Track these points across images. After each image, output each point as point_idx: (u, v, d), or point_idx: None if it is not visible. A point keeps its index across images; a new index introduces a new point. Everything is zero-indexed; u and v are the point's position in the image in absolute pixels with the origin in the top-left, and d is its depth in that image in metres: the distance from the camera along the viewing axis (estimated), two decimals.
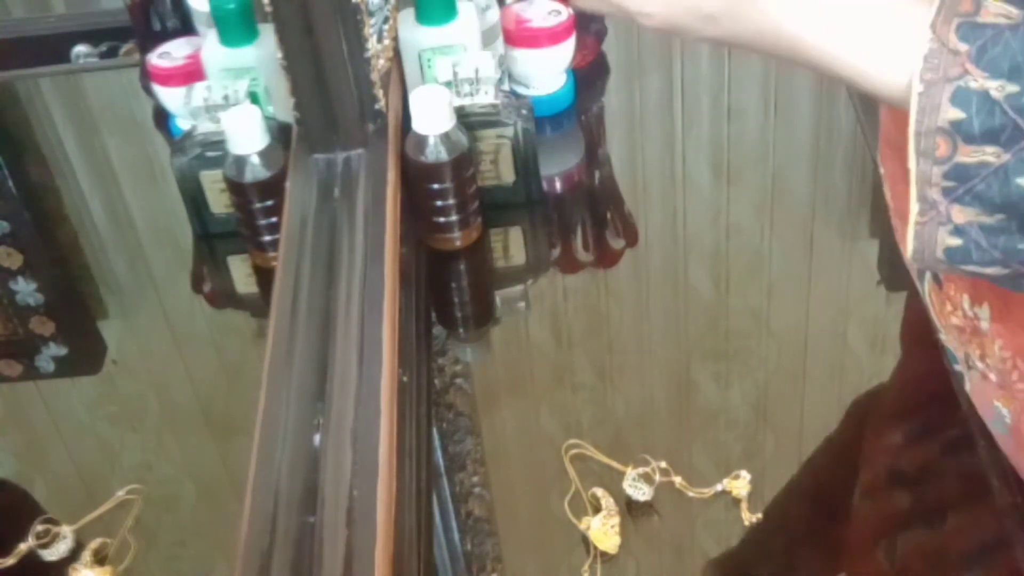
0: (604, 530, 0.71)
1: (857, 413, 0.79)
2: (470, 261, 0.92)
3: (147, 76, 0.98)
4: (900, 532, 0.71)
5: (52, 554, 0.72)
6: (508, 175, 0.94)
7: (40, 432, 0.83)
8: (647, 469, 0.74)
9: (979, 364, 0.69)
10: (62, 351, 0.91)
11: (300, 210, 0.79)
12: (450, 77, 0.91)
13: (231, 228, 0.89)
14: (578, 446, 0.77)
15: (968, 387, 0.72)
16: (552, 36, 0.99)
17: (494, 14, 0.97)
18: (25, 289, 0.93)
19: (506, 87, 1.00)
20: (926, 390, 0.79)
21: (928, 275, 0.71)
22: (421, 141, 0.86)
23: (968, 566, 0.69)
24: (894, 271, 0.89)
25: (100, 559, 0.72)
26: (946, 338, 0.72)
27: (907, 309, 0.85)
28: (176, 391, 0.85)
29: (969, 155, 0.50)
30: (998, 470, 0.71)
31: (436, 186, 0.87)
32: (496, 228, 0.94)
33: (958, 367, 0.72)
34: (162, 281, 0.95)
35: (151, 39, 0.99)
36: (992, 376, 0.68)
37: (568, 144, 1.04)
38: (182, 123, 0.95)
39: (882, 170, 0.77)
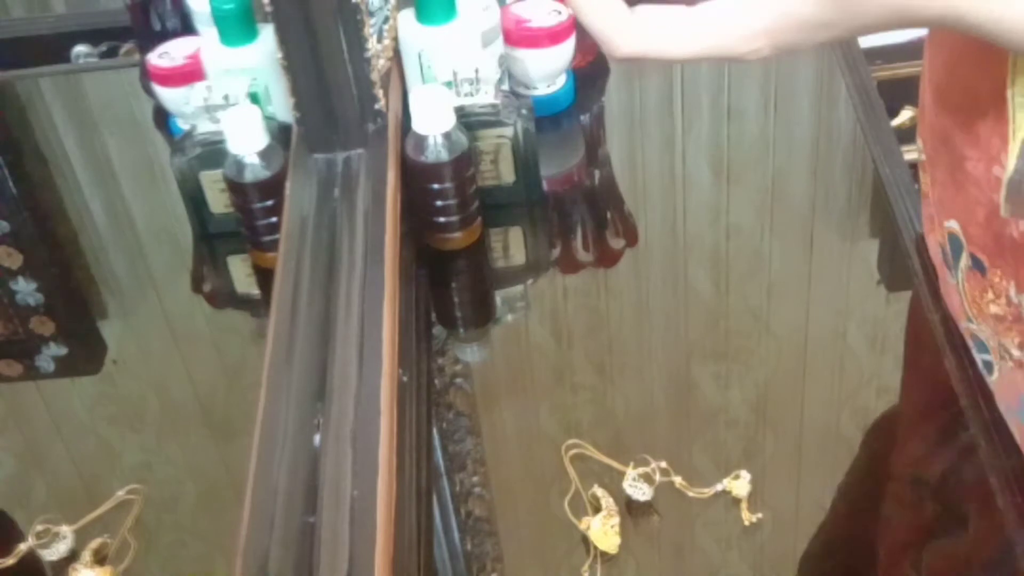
0: (604, 530, 0.71)
1: (866, 418, 0.79)
2: (470, 261, 0.92)
3: (147, 76, 0.98)
4: (926, 541, 0.71)
5: (52, 554, 0.72)
6: (508, 175, 0.94)
7: (40, 432, 0.83)
8: (647, 469, 0.74)
9: (1015, 352, 0.69)
10: (62, 351, 0.91)
11: (300, 210, 0.79)
12: (450, 77, 0.91)
13: (231, 228, 0.89)
14: (578, 446, 0.77)
15: (994, 378, 0.72)
16: (552, 36, 0.99)
17: (494, 14, 0.97)
18: (25, 289, 0.93)
19: (506, 87, 1.00)
20: (935, 393, 0.79)
21: (964, 262, 0.71)
22: (421, 141, 0.86)
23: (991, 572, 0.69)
24: (894, 271, 0.89)
25: (100, 559, 0.72)
26: (977, 327, 0.72)
27: (910, 312, 0.85)
28: (176, 391, 0.85)
29: None
30: (1008, 471, 0.71)
31: (436, 186, 0.87)
32: (496, 228, 0.94)
33: (987, 356, 0.72)
34: (162, 281, 0.95)
35: (151, 39, 0.99)
36: None
37: (568, 144, 1.04)
38: (182, 123, 0.95)
39: (921, 157, 0.76)
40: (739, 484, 0.74)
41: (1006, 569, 0.68)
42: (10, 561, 0.72)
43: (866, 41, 1.14)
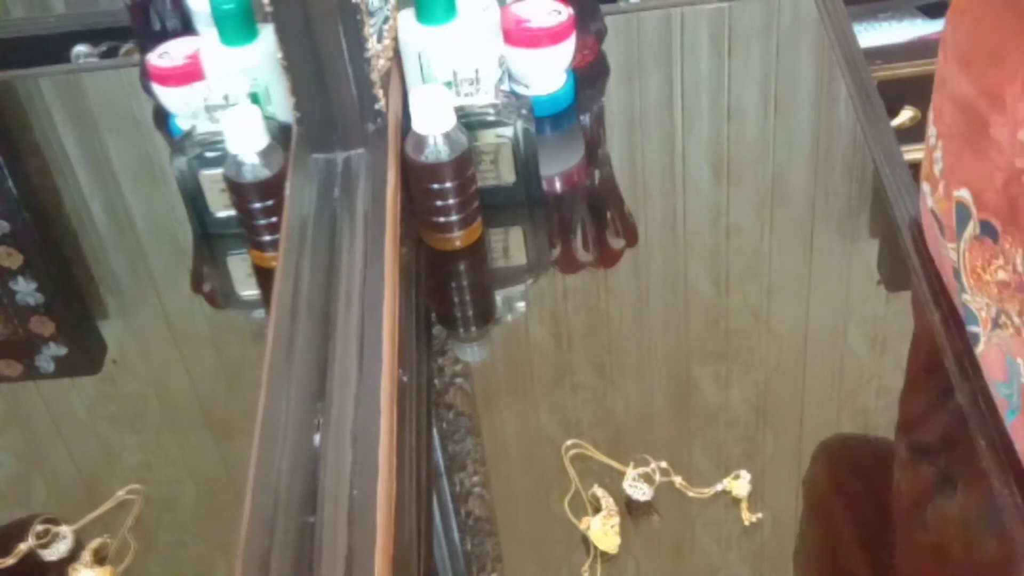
0: (604, 530, 0.71)
1: (866, 418, 0.79)
2: (470, 261, 0.92)
3: (147, 76, 0.98)
4: (932, 501, 0.72)
5: (52, 554, 0.72)
6: (508, 175, 0.94)
7: (40, 432, 0.83)
8: (647, 469, 0.74)
9: (1016, 319, 0.69)
10: (62, 351, 0.91)
11: (300, 210, 0.79)
12: (450, 77, 0.91)
13: (231, 228, 0.89)
14: (578, 446, 0.77)
15: (979, 349, 0.73)
16: (552, 36, 0.99)
17: (494, 14, 0.97)
18: (25, 289, 0.93)
19: (506, 87, 1.00)
20: (934, 376, 0.80)
21: (971, 228, 0.72)
22: (421, 141, 0.86)
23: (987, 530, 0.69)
24: (894, 271, 0.89)
25: (100, 559, 0.72)
26: (970, 297, 0.73)
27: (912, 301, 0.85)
28: (176, 391, 0.85)
29: None
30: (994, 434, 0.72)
31: (436, 186, 0.87)
32: (496, 228, 0.94)
33: (975, 328, 0.73)
34: (162, 281, 0.95)
35: (151, 39, 0.99)
36: None
37: (568, 144, 1.04)
38: (182, 123, 0.95)
39: (933, 129, 0.76)
40: (739, 484, 0.74)
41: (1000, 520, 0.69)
42: (10, 561, 0.72)
43: (866, 41, 1.14)
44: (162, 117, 1.03)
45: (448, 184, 0.87)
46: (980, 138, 0.69)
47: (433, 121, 0.85)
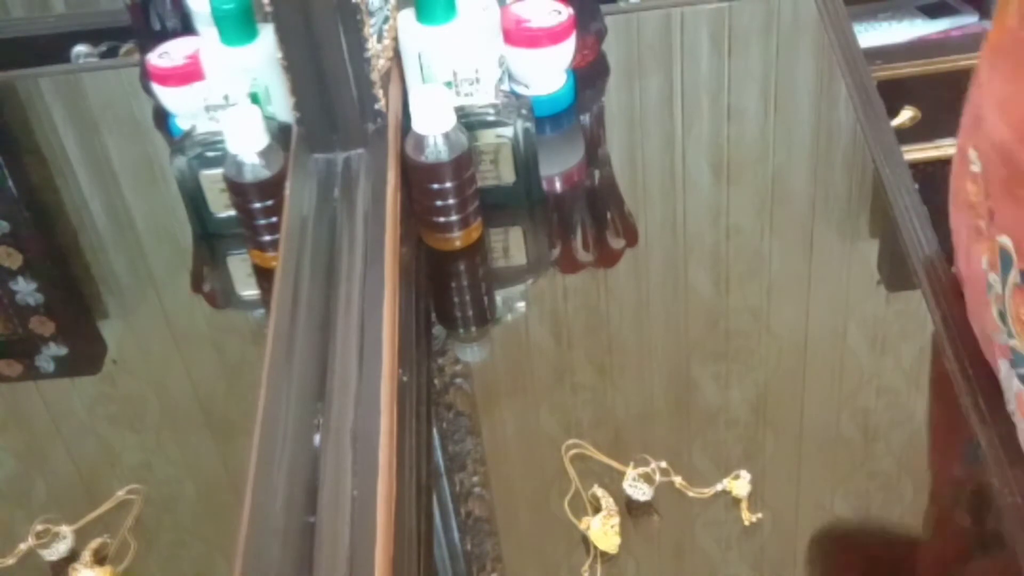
0: (604, 530, 0.71)
1: (866, 418, 0.79)
2: (470, 261, 0.92)
3: (147, 76, 0.98)
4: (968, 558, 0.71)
5: (52, 554, 0.72)
6: (508, 175, 0.94)
7: (40, 432, 0.83)
8: (647, 469, 0.74)
9: None
10: (62, 351, 0.91)
11: (300, 210, 0.79)
12: (450, 77, 0.91)
13: (231, 228, 0.89)
14: (578, 446, 0.77)
15: None
16: (552, 36, 0.99)
17: (494, 14, 0.97)
18: (25, 289, 0.93)
19: (506, 87, 1.00)
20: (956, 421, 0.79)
21: (1013, 278, 0.70)
22: (421, 141, 0.86)
23: None
24: (894, 271, 0.89)
25: (100, 559, 0.72)
26: (1018, 343, 0.71)
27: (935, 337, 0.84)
28: (176, 391, 0.85)
29: None
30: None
31: (436, 186, 0.87)
32: (496, 228, 0.94)
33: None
34: (162, 281, 0.95)
35: (151, 39, 0.99)
36: None
37: (568, 144, 1.04)
38: (182, 123, 0.95)
39: (979, 165, 0.75)
40: (739, 484, 0.74)
41: None
42: (10, 561, 0.72)
43: (866, 41, 1.14)
44: (162, 117, 1.03)
45: (448, 184, 0.87)
46: (1019, 188, 0.66)
47: (433, 121, 0.85)
